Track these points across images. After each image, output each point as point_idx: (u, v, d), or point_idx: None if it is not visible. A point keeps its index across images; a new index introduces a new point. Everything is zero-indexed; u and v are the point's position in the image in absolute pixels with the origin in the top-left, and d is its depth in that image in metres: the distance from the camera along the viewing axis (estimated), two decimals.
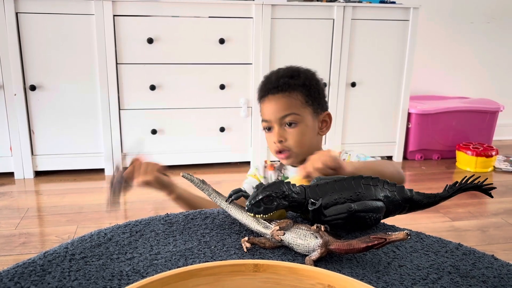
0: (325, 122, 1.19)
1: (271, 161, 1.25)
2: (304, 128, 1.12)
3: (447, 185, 0.75)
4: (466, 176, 0.75)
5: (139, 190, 1.15)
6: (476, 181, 0.74)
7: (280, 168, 1.22)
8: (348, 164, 0.91)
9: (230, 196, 0.72)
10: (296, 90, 1.12)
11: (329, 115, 1.19)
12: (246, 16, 2.52)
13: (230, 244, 0.67)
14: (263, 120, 1.16)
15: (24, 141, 2.43)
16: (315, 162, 0.85)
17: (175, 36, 2.47)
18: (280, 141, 1.11)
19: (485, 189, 0.75)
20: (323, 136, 1.23)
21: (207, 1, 2.45)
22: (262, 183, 0.74)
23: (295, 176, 1.10)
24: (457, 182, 0.74)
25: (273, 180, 1.21)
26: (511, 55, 3.44)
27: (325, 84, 2.68)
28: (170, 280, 0.46)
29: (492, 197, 0.75)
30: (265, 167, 1.23)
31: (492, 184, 0.74)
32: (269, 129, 1.14)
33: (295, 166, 1.17)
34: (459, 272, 0.61)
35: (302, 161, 1.12)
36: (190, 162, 2.66)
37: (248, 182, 1.21)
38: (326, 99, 1.21)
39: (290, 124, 1.11)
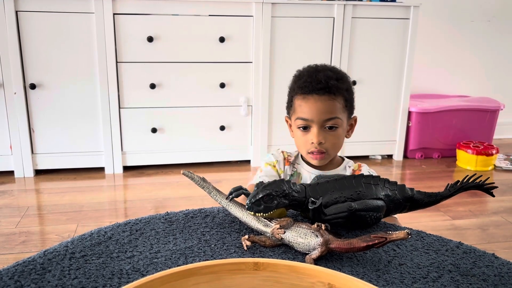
0: (351, 126, 1.21)
1: (287, 153, 1.23)
2: (341, 132, 1.13)
3: (448, 184, 0.75)
4: (467, 175, 0.74)
5: (139, 189, 1.15)
6: (477, 180, 0.74)
7: (294, 163, 1.21)
8: None
9: (231, 193, 0.72)
10: (341, 94, 1.12)
11: (356, 120, 1.21)
12: (246, 14, 2.51)
13: (230, 242, 0.67)
14: (300, 118, 1.12)
15: (24, 140, 2.43)
16: None
17: (175, 35, 2.46)
18: (320, 143, 1.11)
19: (487, 188, 0.75)
20: None
21: None
22: (262, 181, 0.74)
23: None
24: (458, 181, 0.74)
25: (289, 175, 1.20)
26: None
27: None
28: (170, 278, 0.46)
29: (493, 196, 0.75)
30: (285, 159, 1.22)
31: (493, 183, 0.74)
32: (305, 128, 1.12)
33: (308, 164, 1.18)
34: (460, 270, 0.61)
35: (329, 161, 1.16)
36: (191, 160, 2.66)
37: (266, 173, 1.19)
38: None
39: (330, 128, 1.11)
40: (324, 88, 1.10)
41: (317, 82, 1.11)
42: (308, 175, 1.18)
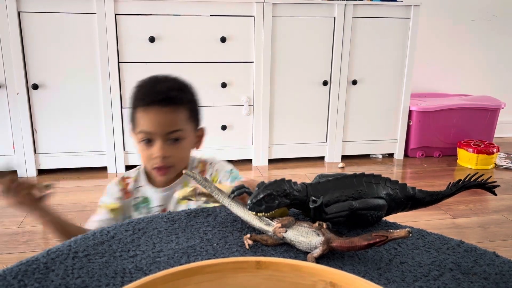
0: (200, 137, 1.16)
1: (125, 182, 1.14)
2: (187, 144, 1.08)
3: (450, 182, 0.75)
4: (469, 174, 0.74)
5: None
6: (479, 179, 0.74)
7: (135, 189, 1.13)
8: None
9: (233, 192, 0.72)
10: (184, 105, 1.07)
11: (203, 131, 1.17)
12: (248, 14, 2.52)
13: (232, 241, 0.67)
14: (141, 131, 1.05)
15: (27, 140, 2.43)
16: None
17: (177, 35, 2.47)
18: (164, 157, 1.04)
19: (489, 187, 0.75)
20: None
21: None
22: (263, 181, 0.74)
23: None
24: (460, 180, 0.74)
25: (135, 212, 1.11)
26: None
27: (326, 82, 2.68)
28: (173, 277, 0.46)
29: (495, 194, 0.75)
30: (122, 190, 1.13)
31: (495, 182, 0.74)
32: (148, 141, 1.05)
33: (153, 186, 1.12)
34: (461, 269, 0.61)
35: (176, 176, 1.10)
36: None
37: (100, 218, 1.09)
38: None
39: (175, 140, 1.05)
40: (166, 99, 1.04)
41: (157, 93, 1.05)
42: (155, 196, 1.12)
